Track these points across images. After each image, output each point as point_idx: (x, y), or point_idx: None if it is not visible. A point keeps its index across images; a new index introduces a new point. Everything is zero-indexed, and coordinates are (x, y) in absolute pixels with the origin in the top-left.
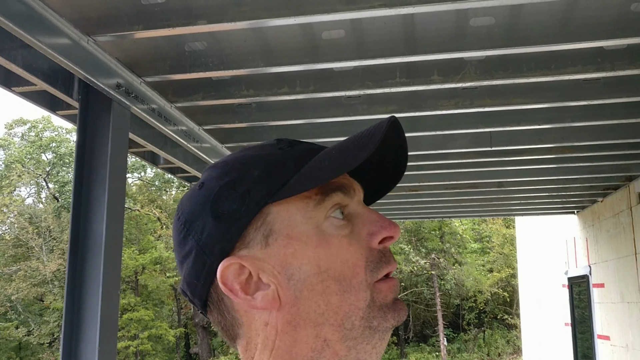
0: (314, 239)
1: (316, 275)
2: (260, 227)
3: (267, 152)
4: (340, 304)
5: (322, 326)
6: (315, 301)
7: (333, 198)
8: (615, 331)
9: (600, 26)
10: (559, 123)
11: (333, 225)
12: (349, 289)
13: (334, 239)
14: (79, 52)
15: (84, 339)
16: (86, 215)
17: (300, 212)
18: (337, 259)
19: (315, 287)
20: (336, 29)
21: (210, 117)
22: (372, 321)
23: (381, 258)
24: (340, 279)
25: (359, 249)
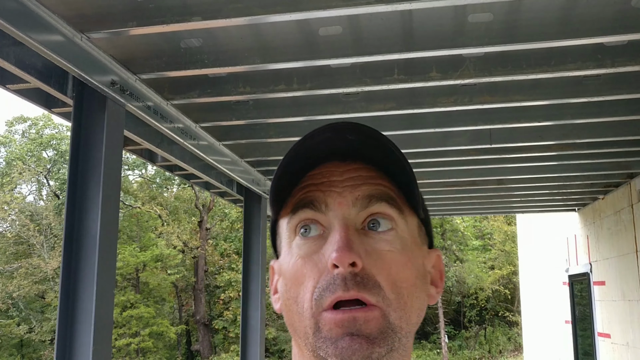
0: (286, 255)
1: (286, 292)
2: (278, 238)
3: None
4: (298, 324)
5: (301, 339)
6: (288, 317)
7: (299, 215)
8: (616, 329)
9: (601, 22)
10: (558, 120)
11: (296, 244)
12: (302, 312)
13: (294, 259)
14: (73, 49)
15: (78, 338)
16: (80, 213)
17: (284, 227)
18: (294, 281)
19: (286, 303)
20: (333, 26)
21: (207, 114)
22: (319, 351)
23: (329, 285)
24: (297, 301)
25: (312, 272)
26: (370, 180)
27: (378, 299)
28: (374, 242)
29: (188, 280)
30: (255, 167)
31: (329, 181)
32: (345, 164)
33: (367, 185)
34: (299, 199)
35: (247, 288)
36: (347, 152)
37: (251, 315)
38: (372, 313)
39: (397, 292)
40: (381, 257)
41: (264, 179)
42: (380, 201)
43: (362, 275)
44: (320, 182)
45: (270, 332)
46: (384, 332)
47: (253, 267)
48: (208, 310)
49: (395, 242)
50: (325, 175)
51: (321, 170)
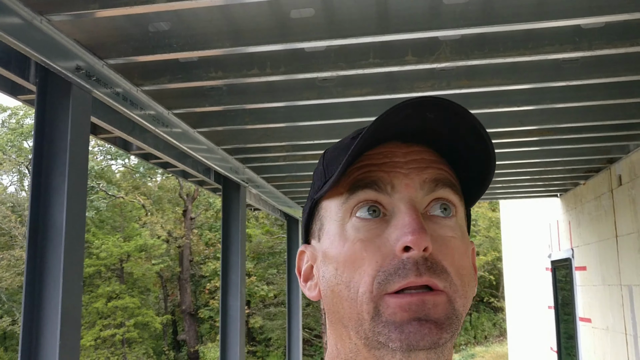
0: (337, 238)
1: (334, 277)
2: (317, 221)
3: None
4: (350, 311)
5: (348, 329)
6: (335, 303)
7: (359, 195)
8: (596, 313)
9: (577, 3)
10: (538, 105)
11: (354, 226)
12: (355, 297)
13: (349, 243)
14: (32, 32)
15: (44, 334)
16: (45, 203)
17: (335, 208)
18: (349, 264)
19: (333, 289)
20: (306, 8)
21: (179, 100)
22: (378, 336)
23: (398, 269)
24: (349, 285)
25: (374, 255)
26: (434, 164)
27: (446, 284)
28: (439, 228)
29: (173, 270)
30: (233, 154)
31: (392, 162)
32: (407, 145)
33: (432, 168)
34: (358, 178)
35: (226, 277)
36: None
37: (231, 305)
38: (440, 297)
39: (461, 279)
40: (446, 243)
41: (242, 166)
42: (446, 186)
43: (431, 260)
44: (382, 163)
45: (257, 320)
46: (449, 317)
47: (232, 256)
48: (194, 300)
49: (456, 229)
50: (386, 155)
51: (381, 150)
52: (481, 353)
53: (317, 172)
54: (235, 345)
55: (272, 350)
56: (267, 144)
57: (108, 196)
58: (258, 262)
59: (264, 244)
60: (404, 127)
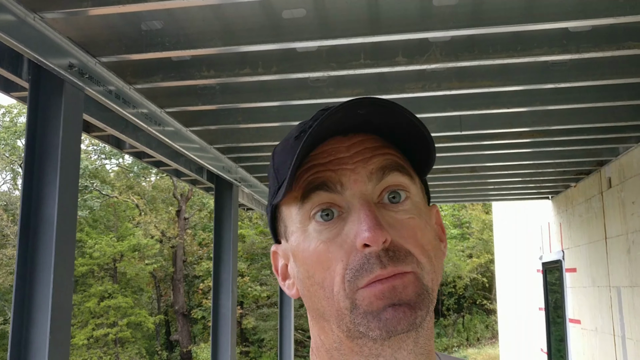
0: (302, 241)
1: (307, 278)
2: (281, 224)
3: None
4: (329, 307)
5: (329, 322)
6: (313, 302)
7: (312, 199)
8: (585, 315)
9: (565, 7)
10: (528, 107)
11: (315, 229)
12: (330, 295)
13: (314, 244)
14: (25, 30)
15: (34, 327)
16: (37, 199)
17: (294, 212)
18: (318, 266)
19: (308, 289)
20: (297, 8)
21: (172, 99)
22: (359, 327)
23: (363, 265)
24: (323, 285)
25: (339, 255)
26: (378, 151)
27: (412, 265)
28: (394, 213)
29: (166, 270)
30: (226, 154)
31: (337, 159)
32: (348, 138)
33: (377, 157)
34: (308, 181)
35: (218, 276)
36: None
37: (222, 304)
38: (408, 278)
39: (427, 255)
40: (404, 226)
41: (235, 166)
42: (393, 171)
43: (392, 248)
44: (328, 161)
45: (250, 321)
46: (420, 295)
47: (224, 255)
48: (187, 300)
49: (412, 209)
50: (330, 152)
51: (325, 149)
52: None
53: (269, 174)
54: (227, 344)
55: (265, 351)
56: (260, 143)
57: (102, 196)
58: (252, 263)
59: (257, 245)
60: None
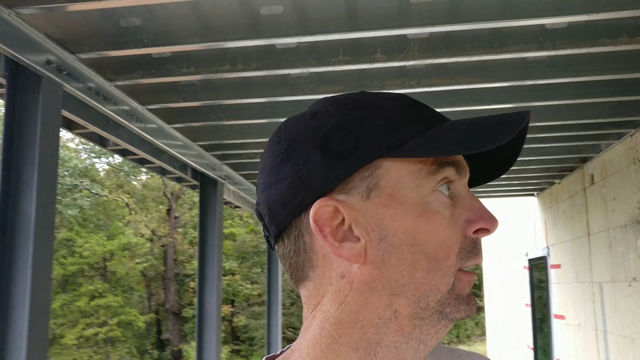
0: (417, 209)
1: (410, 246)
2: (367, 178)
3: (392, 104)
4: (424, 281)
5: (398, 297)
6: (401, 271)
7: (446, 171)
8: (569, 310)
9: (540, 4)
10: (508, 103)
11: (438, 200)
12: (436, 269)
13: (436, 216)
14: (1, 26)
15: (12, 324)
16: (15, 196)
17: (410, 176)
18: (434, 238)
19: (405, 257)
20: (275, 5)
21: (154, 96)
22: (446, 307)
23: (472, 248)
24: (432, 257)
25: (456, 233)
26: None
27: None
28: None
29: (157, 269)
30: (210, 151)
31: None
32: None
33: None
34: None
35: (203, 273)
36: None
37: (207, 300)
38: None
39: None
40: None
41: (219, 163)
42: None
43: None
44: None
45: (241, 319)
46: None
47: (209, 252)
48: (178, 299)
49: None
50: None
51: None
52: None
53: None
54: (211, 341)
55: (256, 349)
56: (243, 141)
57: (92, 194)
58: (242, 261)
59: (248, 243)
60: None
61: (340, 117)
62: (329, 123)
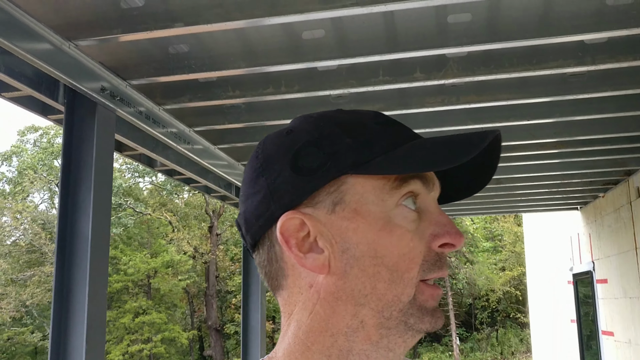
0: (380, 222)
1: (371, 258)
2: (333, 193)
3: (365, 122)
4: (385, 292)
5: (362, 307)
6: (363, 282)
7: (410, 185)
8: (618, 327)
9: (579, 20)
10: (548, 118)
11: (402, 215)
12: (398, 280)
13: (398, 230)
14: (61, 57)
15: (71, 339)
16: (73, 216)
17: (374, 191)
18: (396, 250)
19: (366, 269)
20: (316, 29)
21: (200, 118)
22: (409, 318)
23: (436, 261)
24: (393, 269)
25: (420, 246)
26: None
27: None
28: None
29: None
30: None
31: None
32: None
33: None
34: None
35: (247, 290)
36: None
37: (252, 316)
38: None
39: None
40: None
41: None
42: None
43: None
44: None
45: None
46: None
47: (253, 268)
48: (220, 316)
49: None
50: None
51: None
52: None
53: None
54: (256, 357)
55: None
56: None
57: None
58: None
59: None
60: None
61: (312, 134)
62: (302, 140)
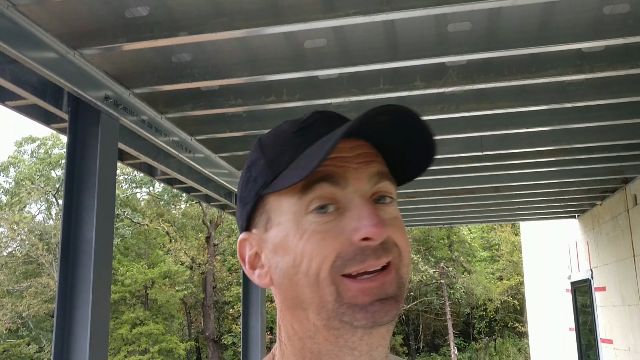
0: (293, 231)
1: (292, 267)
2: (262, 214)
3: (282, 135)
4: (312, 296)
5: (307, 312)
6: (294, 290)
7: (315, 191)
8: (617, 334)
9: (577, 29)
10: (547, 126)
11: (312, 219)
12: (315, 283)
13: (307, 235)
14: (66, 65)
15: (74, 345)
16: (76, 223)
17: (287, 204)
18: (307, 255)
19: (292, 278)
20: (318, 38)
21: (202, 127)
22: (344, 316)
23: (356, 255)
24: (307, 273)
25: (334, 243)
26: (375, 157)
27: (395, 256)
28: (384, 213)
29: (197, 296)
30: None
31: (341, 157)
32: (351, 140)
33: (375, 162)
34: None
35: (247, 299)
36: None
37: (252, 325)
38: (392, 273)
39: (407, 252)
40: (394, 223)
41: None
42: (386, 179)
43: (386, 241)
44: (333, 157)
45: None
46: (400, 287)
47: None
48: (217, 326)
49: (397, 211)
50: (334, 150)
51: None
52: None
53: (256, 165)
54: None
55: None
56: None
57: (133, 224)
58: None
59: None
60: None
61: (246, 163)
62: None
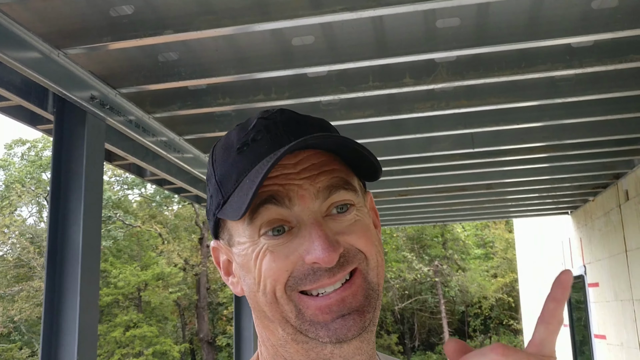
0: (250, 251)
1: (253, 285)
2: (225, 231)
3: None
4: (273, 312)
5: (274, 324)
6: (257, 306)
7: (262, 214)
8: (610, 330)
9: (566, 23)
10: (538, 122)
11: (262, 242)
12: (274, 302)
13: (261, 255)
14: (50, 65)
15: (62, 349)
16: (63, 225)
17: (241, 226)
18: (262, 275)
19: (254, 296)
20: (306, 35)
21: (190, 127)
22: (307, 332)
23: (307, 275)
24: (265, 292)
25: (285, 264)
26: (325, 167)
27: (360, 262)
28: (341, 223)
29: (190, 298)
30: None
31: (284, 174)
32: (294, 155)
33: (323, 174)
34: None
35: (239, 301)
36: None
37: (244, 326)
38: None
39: (374, 250)
40: (352, 230)
41: None
42: (339, 189)
43: (344, 254)
44: (275, 176)
45: None
46: (368, 296)
47: None
48: (211, 328)
49: (358, 214)
50: (277, 168)
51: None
52: None
53: (210, 182)
54: None
55: None
56: None
57: (125, 226)
58: None
59: None
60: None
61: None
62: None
